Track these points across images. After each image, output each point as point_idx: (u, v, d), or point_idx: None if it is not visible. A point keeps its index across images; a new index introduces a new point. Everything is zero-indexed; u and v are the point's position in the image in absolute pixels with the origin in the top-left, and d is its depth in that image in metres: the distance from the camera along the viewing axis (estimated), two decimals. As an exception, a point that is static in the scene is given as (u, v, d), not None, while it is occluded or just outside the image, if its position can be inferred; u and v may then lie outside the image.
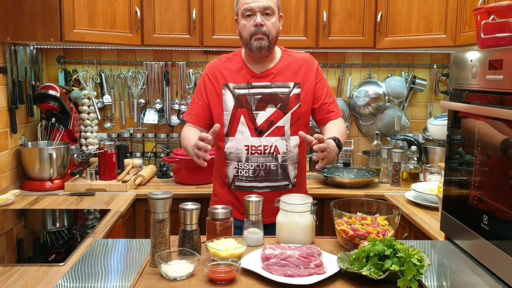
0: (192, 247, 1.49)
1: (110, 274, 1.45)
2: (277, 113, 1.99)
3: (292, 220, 1.55)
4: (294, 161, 2.03)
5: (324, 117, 2.08)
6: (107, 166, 2.69)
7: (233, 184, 2.04)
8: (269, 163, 1.99)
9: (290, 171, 2.02)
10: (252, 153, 1.98)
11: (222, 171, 2.08)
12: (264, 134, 1.99)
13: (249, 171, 2.00)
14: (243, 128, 2.00)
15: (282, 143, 1.99)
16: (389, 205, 1.68)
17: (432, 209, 2.35)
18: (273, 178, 2.00)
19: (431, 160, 2.99)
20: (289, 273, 1.32)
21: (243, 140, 1.99)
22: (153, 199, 1.39)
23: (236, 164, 2.01)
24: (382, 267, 1.27)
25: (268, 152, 1.98)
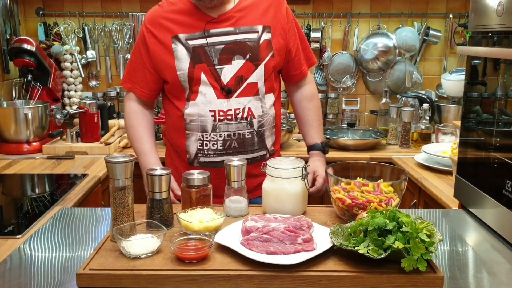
0: (162, 218, 1.27)
1: (64, 250, 1.25)
2: (246, 66, 1.62)
3: (280, 187, 1.33)
4: (271, 125, 1.70)
5: (293, 74, 1.76)
6: (89, 127, 2.47)
7: (196, 160, 1.67)
8: (242, 131, 1.64)
9: (267, 137, 1.70)
10: (220, 120, 1.62)
11: (179, 144, 1.70)
12: (233, 94, 1.61)
13: (218, 143, 1.63)
14: (205, 88, 1.61)
15: (257, 104, 1.64)
16: (395, 169, 1.45)
17: (444, 173, 2.12)
18: (249, 148, 1.66)
19: (444, 120, 2.73)
20: (271, 250, 1.10)
21: (207, 104, 1.61)
22: (111, 162, 1.17)
23: (199, 135, 1.64)
24: (383, 244, 1.04)
25: (240, 116, 1.63)
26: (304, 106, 1.81)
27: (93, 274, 1.05)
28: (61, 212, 1.52)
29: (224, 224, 1.24)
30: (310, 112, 1.80)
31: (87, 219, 1.46)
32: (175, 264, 1.08)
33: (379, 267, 1.06)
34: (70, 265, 1.17)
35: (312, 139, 1.79)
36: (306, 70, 1.79)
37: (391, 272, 1.05)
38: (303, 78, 1.80)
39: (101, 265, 1.08)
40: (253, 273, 1.05)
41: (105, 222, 1.43)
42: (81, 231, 1.37)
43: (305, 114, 1.80)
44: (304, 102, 1.80)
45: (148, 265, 1.08)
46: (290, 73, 1.77)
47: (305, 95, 1.80)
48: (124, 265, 1.08)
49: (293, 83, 1.81)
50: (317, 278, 1.04)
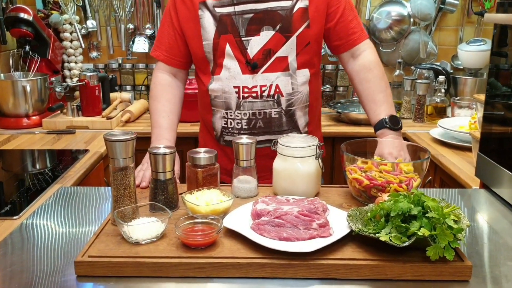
0: (167, 200, 1.19)
1: (63, 233, 1.17)
2: (276, 37, 1.47)
3: (292, 167, 1.24)
4: (303, 104, 1.54)
5: (342, 42, 1.55)
6: (90, 100, 2.38)
7: (222, 138, 1.58)
8: (269, 110, 1.51)
9: (299, 118, 1.55)
10: (244, 97, 1.49)
11: (207, 120, 1.61)
12: (259, 70, 1.48)
13: (242, 122, 1.52)
14: (230, 62, 1.49)
15: (286, 80, 1.50)
16: (416, 147, 1.35)
17: (462, 149, 2.02)
18: (276, 129, 1.53)
19: (460, 92, 2.62)
20: (284, 236, 1.02)
21: (231, 80, 1.49)
22: (111, 141, 1.08)
23: (224, 113, 1.54)
24: (406, 231, 0.95)
25: (267, 94, 1.49)
26: (362, 77, 1.54)
27: (93, 261, 0.97)
28: (60, 191, 1.44)
29: (233, 206, 1.16)
30: (370, 84, 1.53)
31: (88, 199, 1.38)
32: (180, 251, 1.00)
33: (401, 255, 0.98)
34: (69, 249, 1.09)
35: (376, 116, 1.51)
36: (357, 39, 1.55)
37: (414, 261, 0.96)
38: (354, 47, 1.55)
39: (101, 252, 1.00)
40: (265, 261, 0.97)
41: (107, 203, 1.35)
42: (81, 212, 1.29)
43: (365, 88, 1.54)
44: (362, 73, 1.54)
45: (151, 251, 1.00)
46: (333, 43, 1.57)
47: (362, 64, 1.55)
48: (126, 252, 1.00)
49: (344, 53, 1.57)
50: (334, 267, 0.96)
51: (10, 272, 0.99)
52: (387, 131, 1.47)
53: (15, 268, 1.01)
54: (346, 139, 2.34)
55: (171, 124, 1.56)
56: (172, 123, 1.56)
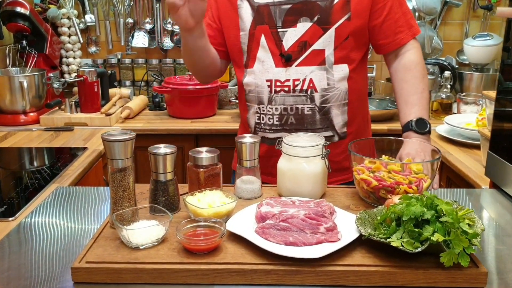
0: (168, 202, 1.15)
1: (60, 236, 1.13)
2: (313, 29, 1.39)
3: (297, 167, 1.19)
4: (341, 102, 1.45)
5: (388, 41, 1.45)
6: (88, 96, 2.33)
7: (256, 135, 1.45)
8: (301, 106, 1.43)
9: (335, 116, 1.45)
10: (276, 91, 1.43)
11: (243, 116, 1.58)
12: (293, 62, 1.42)
13: (274, 117, 1.46)
14: (264, 54, 1.43)
15: (321, 75, 1.41)
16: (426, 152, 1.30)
17: (469, 146, 1.98)
18: (309, 127, 1.45)
19: (466, 88, 2.57)
20: (290, 240, 0.98)
21: (264, 73, 1.44)
22: (109, 141, 1.03)
23: (256, 108, 1.48)
24: (419, 236, 0.91)
25: (299, 89, 1.42)
26: (400, 77, 1.47)
27: (90, 268, 0.93)
28: (58, 192, 1.39)
29: (236, 208, 1.12)
30: (406, 85, 1.45)
31: (86, 200, 1.34)
32: (182, 256, 0.96)
33: (413, 261, 0.93)
34: (67, 254, 1.05)
35: (405, 117, 1.43)
36: (403, 39, 1.46)
37: (427, 267, 0.92)
38: (398, 48, 1.47)
39: (99, 257, 0.96)
40: (270, 267, 0.92)
41: (106, 203, 1.31)
42: (79, 214, 1.25)
43: (401, 87, 1.46)
44: (401, 73, 1.47)
45: (152, 257, 0.96)
46: (378, 42, 1.48)
47: (403, 64, 1.47)
48: (125, 257, 0.96)
49: (389, 53, 1.49)
50: (343, 273, 0.92)
51: (7, 278, 0.95)
52: (412, 133, 1.39)
53: (10, 274, 0.96)
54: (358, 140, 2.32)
55: None
56: None
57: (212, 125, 2.32)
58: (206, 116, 2.45)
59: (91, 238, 1.04)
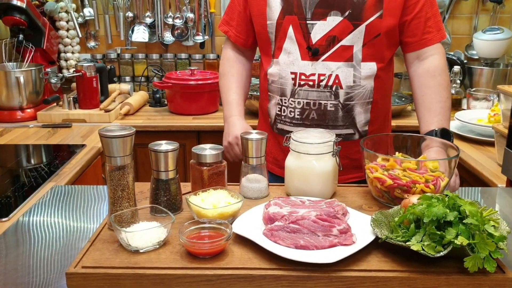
0: (169, 202, 1.08)
1: (54, 238, 1.06)
2: (343, 24, 1.34)
3: (307, 165, 1.12)
4: (365, 101, 1.40)
5: (415, 40, 1.40)
6: (87, 92, 2.26)
7: (275, 126, 1.49)
8: (324, 101, 1.39)
9: (358, 114, 1.41)
10: (300, 85, 1.39)
11: (264, 105, 1.54)
12: (320, 57, 1.37)
13: (295, 111, 1.42)
14: (290, 46, 1.39)
15: (348, 72, 1.37)
16: (443, 143, 1.24)
17: (481, 143, 1.91)
18: (330, 123, 1.40)
19: (476, 84, 2.50)
20: (301, 244, 0.91)
21: (290, 65, 1.40)
22: (106, 137, 0.96)
23: (278, 99, 1.45)
24: (441, 240, 0.84)
25: (324, 84, 1.38)
26: (423, 82, 1.41)
27: (87, 273, 0.86)
28: (54, 191, 1.33)
29: (241, 209, 1.05)
30: (429, 91, 1.39)
31: (84, 199, 1.27)
32: (185, 261, 0.89)
33: (433, 266, 0.87)
34: (62, 257, 0.99)
35: (427, 125, 1.37)
36: (431, 40, 1.40)
37: (449, 272, 0.86)
38: (424, 48, 1.40)
39: (96, 262, 0.89)
40: (280, 272, 0.86)
41: (104, 203, 1.24)
42: (76, 215, 1.18)
43: (423, 93, 1.40)
44: (424, 78, 1.40)
45: (153, 261, 0.89)
46: (404, 39, 1.42)
47: (427, 69, 1.40)
48: (124, 262, 0.89)
49: (411, 52, 1.42)
50: (359, 279, 0.85)
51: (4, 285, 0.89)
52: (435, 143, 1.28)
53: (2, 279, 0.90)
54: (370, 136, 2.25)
55: (239, 99, 1.57)
56: (239, 97, 1.57)
57: (215, 122, 2.25)
58: (208, 112, 2.39)
59: (88, 241, 0.97)
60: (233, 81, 1.57)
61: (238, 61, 1.59)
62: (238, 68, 1.59)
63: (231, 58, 1.59)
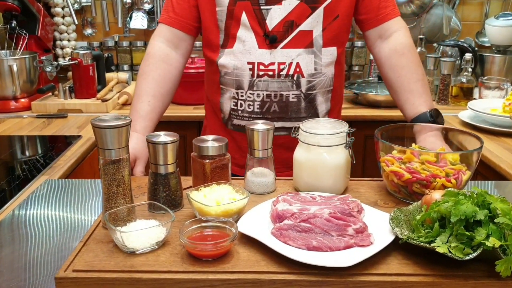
0: (169, 197, 1.00)
1: (44, 238, 0.98)
2: (300, 8, 1.27)
3: (317, 158, 1.04)
4: (326, 89, 1.34)
5: (370, 16, 1.33)
6: (83, 81, 2.17)
7: (230, 122, 1.38)
8: (286, 92, 1.30)
9: (320, 104, 1.34)
10: (259, 75, 1.29)
11: (214, 100, 1.40)
12: (279, 44, 1.28)
13: (254, 104, 1.31)
14: (245, 34, 1.29)
15: (309, 59, 1.29)
16: (463, 133, 1.15)
17: (495, 134, 1.82)
18: (293, 115, 1.33)
19: (487, 72, 2.41)
20: (314, 245, 0.83)
21: (246, 54, 1.29)
22: (99, 127, 0.88)
23: (234, 93, 1.33)
24: (471, 241, 0.76)
25: (285, 73, 1.29)
26: (393, 63, 1.33)
27: (78, 278, 0.78)
28: (46, 185, 1.25)
29: (247, 206, 0.97)
30: (404, 71, 1.32)
31: (79, 194, 1.19)
32: (186, 263, 0.81)
33: (460, 269, 0.79)
34: (52, 259, 0.91)
35: (415, 108, 1.30)
36: (388, 14, 1.33)
37: (478, 277, 0.78)
38: (383, 23, 1.33)
39: (89, 265, 0.81)
40: (291, 277, 0.78)
41: (100, 199, 1.16)
42: (69, 211, 1.10)
43: (398, 75, 1.32)
44: (394, 58, 1.33)
45: (150, 264, 0.81)
46: (359, 17, 1.35)
47: (394, 48, 1.33)
48: (119, 265, 0.81)
49: (371, 30, 1.35)
50: (378, 284, 0.77)
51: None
52: (431, 126, 1.21)
53: (-18, 285, 0.82)
54: (365, 122, 2.17)
55: (150, 111, 1.31)
56: (151, 110, 1.31)
57: (216, 112, 2.16)
58: (210, 102, 2.30)
59: (80, 241, 0.89)
60: (151, 87, 1.32)
61: (166, 60, 1.34)
62: (163, 70, 1.33)
63: (158, 54, 1.35)
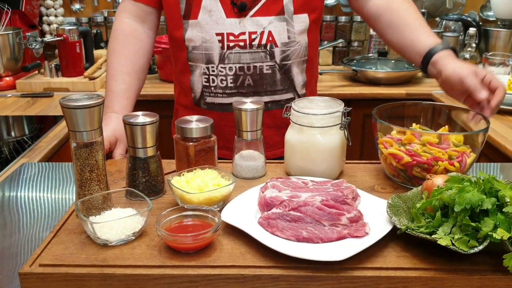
0: (149, 184, 0.93)
1: (14, 227, 0.91)
2: None
3: (310, 140, 0.96)
4: (300, 59, 1.26)
5: None
6: (70, 58, 2.08)
7: (202, 101, 1.28)
8: (260, 63, 1.22)
9: (296, 75, 1.26)
10: (230, 47, 1.20)
11: (183, 80, 1.30)
12: (248, 12, 1.19)
13: (227, 78, 1.22)
14: (211, 2, 1.19)
15: (281, 27, 1.20)
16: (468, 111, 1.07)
17: (501, 112, 1.74)
18: (268, 88, 1.24)
19: (492, 47, 2.31)
20: (303, 235, 0.76)
21: (214, 25, 1.20)
22: (68, 107, 0.80)
23: (204, 68, 1.23)
24: (476, 233, 0.69)
25: (257, 43, 1.20)
26: (382, 10, 1.26)
27: (45, 273, 0.71)
28: (23, 169, 1.17)
29: (234, 192, 0.89)
30: (405, 13, 1.24)
31: (58, 179, 1.12)
32: (164, 257, 0.74)
33: (464, 262, 0.72)
34: (20, 251, 0.84)
35: (426, 42, 1.19)
36: None
37: (484, 271, 0.71)
38: None
39: (58, 259, 0.74)
40: (278, 272, 0.71)
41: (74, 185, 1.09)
42: (45, 197, 1.03)
43: (389, 20, 1.25)
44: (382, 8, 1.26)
45: (125, 257, 0.74)
46: None
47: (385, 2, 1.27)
48: (91, 258, 0.74)
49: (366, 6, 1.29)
50: (373, 280, 0.70)
51: None
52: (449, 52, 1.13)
53: None
54: (364, 101, 2.09)
55: (127, 90, 1.24)
56: (128, 88, 1.24)
57: (209, 90, 2.07)
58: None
59: (50, 231, 0.82)
60: (124, 64, 1.25)
61: (136, 35, 1.27)
62: (134, 46, 1.27)
63: (127, 30, 1.27)
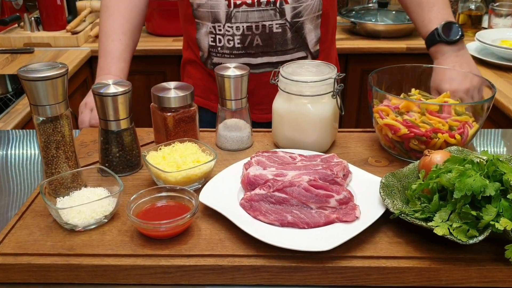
0: (124, 159, 0.86)
1: (-20, 207, 0.85)
2: None
3: (300, 110, 0.88)
4: (314, 15, 1.15)
5: None
6: (51, 11, 1.96)
7: (210, 60, 1.20)
8: (269, 22, 1.12)
9: (309, 32, 1.16)
10: (237, 5, 1.11)
11: (190, 35, 1.21)
12: None
13: (234, 38, 1.14)
14: None
15: None
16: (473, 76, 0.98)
17: (505, 69, 1.65)
18: (279, 48, 1.15)
19: (499, -3, 2.17)
20: (288, 220, 0.69)
21: None
22: (29, 79, 0.71)
23: (210, 27, 1.15)
24: (477, 221, 0.62)
25: (266, 0, 1.10)
26: None
27: (5, 264, 0.66)
28: (-6, 137, 1.10)
29: (216, 167, 0.82)
30: None
31: (31, 151, 1.04)
32: (136, 245, 0.68)
33: (462, 251, 0.66)
34: (-13, 231, 0.78)
35: (425, 26, 1.14)
36: None
37: (482, 261, 0.65)
38: None
39: (20, 247, 0.68)
40: (259, 262, 0.65)
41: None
42: (13, 173, 0.96)
43: None
44: None
45: (94, 245, 0.68)
46: None
47: None
48: (56, 246, 0.68)
49: None
50: (363, 271, 0.65)
51: None
52: (442, 46, 1.09)
53: None
54: (362, 55, 1.99)
55: (123, 51, 1.16)
56: (124, 49, 1.16)
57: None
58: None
59: (15, 214, 0.76)
60: (120, 23, 1.16)
61: None
62: (129, 3, 1.17)
63: None
